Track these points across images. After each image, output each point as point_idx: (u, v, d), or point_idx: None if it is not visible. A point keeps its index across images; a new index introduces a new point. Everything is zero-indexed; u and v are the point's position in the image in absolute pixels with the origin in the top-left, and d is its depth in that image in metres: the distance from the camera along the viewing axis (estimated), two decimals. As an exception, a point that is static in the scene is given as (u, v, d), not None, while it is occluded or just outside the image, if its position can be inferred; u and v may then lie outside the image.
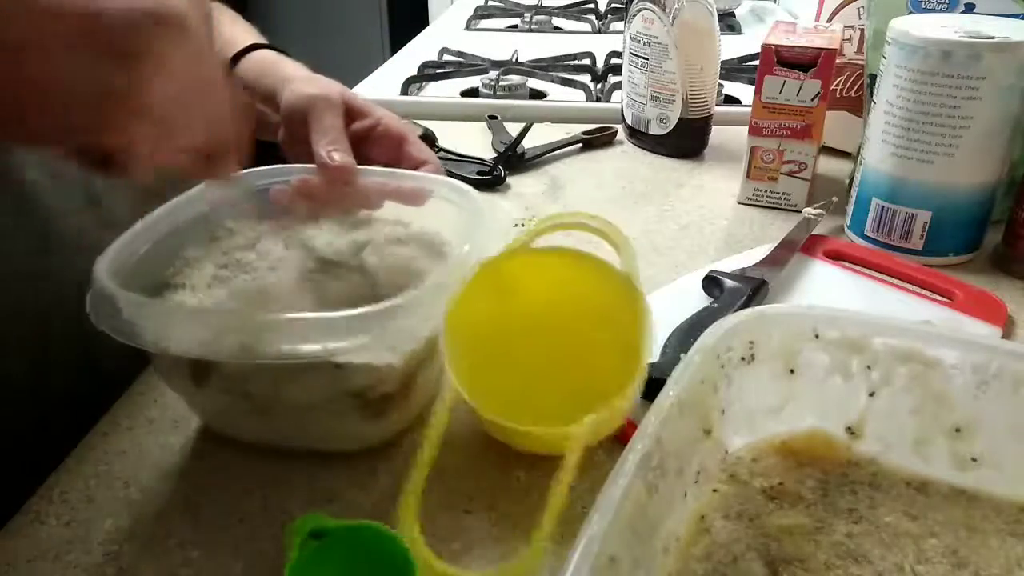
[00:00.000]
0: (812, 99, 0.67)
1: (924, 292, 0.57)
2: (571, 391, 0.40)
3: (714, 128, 0.84)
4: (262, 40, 0.62)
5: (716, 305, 0.52)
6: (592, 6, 1.57)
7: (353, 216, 0.49)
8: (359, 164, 0.50)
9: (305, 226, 0.47)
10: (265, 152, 0.59)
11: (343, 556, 0.34)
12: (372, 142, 0.55)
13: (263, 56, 0.60)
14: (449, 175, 0.55)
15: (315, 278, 0.44)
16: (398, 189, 0.50)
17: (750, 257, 0.60)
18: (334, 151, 0.50)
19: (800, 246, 0.61)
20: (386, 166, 0.53)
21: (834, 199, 0.67)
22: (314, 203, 0.49)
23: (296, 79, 0.56)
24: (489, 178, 0.76)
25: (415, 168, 0.54)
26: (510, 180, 0.78)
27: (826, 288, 0.58)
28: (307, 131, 0.52)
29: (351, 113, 0.54)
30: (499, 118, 0.90)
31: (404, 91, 1.02)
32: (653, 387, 0.42)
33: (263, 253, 0.45)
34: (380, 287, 0.44)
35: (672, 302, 0.54)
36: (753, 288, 0.54)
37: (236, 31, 0.62)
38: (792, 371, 0.36)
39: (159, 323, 0.37)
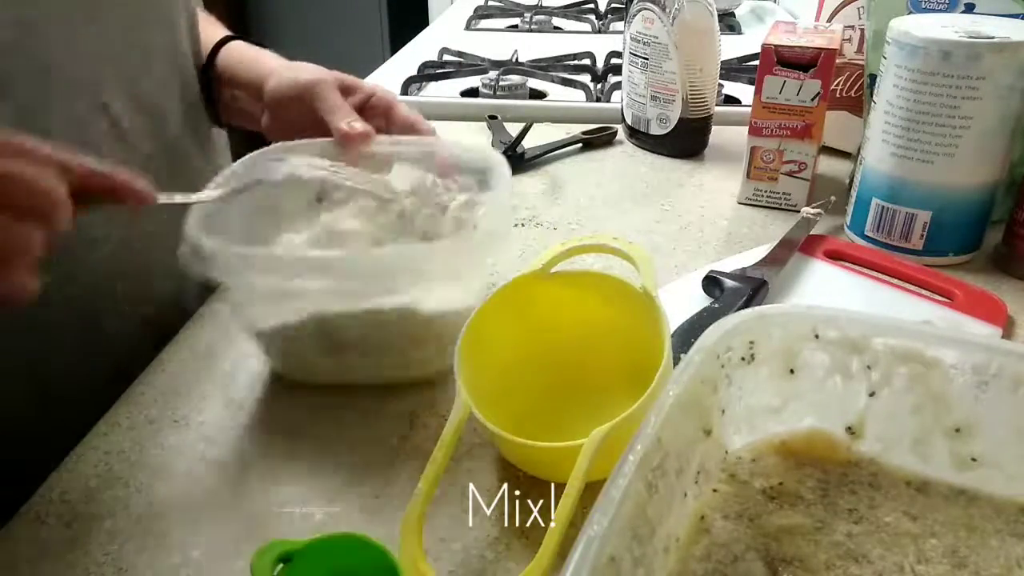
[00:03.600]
0: (812, 99, 0.67)
1: (924, 292, 0.57)
2: (591, 416, 0.39)
3: (714, 128, 0.84)
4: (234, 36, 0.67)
5: (717, 305, 0.52)
6: (592, 6, 1.57)
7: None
8: None
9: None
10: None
11: (321, 572, 0.33)
12: (367, 112, 0.58)
13: (239, 46, 0.65)
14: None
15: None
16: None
17: (750, 257, 0.60)
18: (353, 121, 0.54)
19: (799, 245, 0.61)
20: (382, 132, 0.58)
21: (832, 198, 0.67)
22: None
23: (279, 68, 0.61)
24: (489, 178, 0.76)
25: (408, 129, 0.58)
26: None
27: (826, 288, 0.58)
28: (295, 116, 0.57)
29: (344, 91, 0.58)
30: (499, 118, 0.90)
31: (404, 91, 1.02)
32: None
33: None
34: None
35: (672, 302, 0.54)
36: (753, 288, 0.54)
37: (215, 31, 0.67)
38: (792, 371, 0.36)
39: (269, 270, 0.43)
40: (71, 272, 0.48)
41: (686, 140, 0.83)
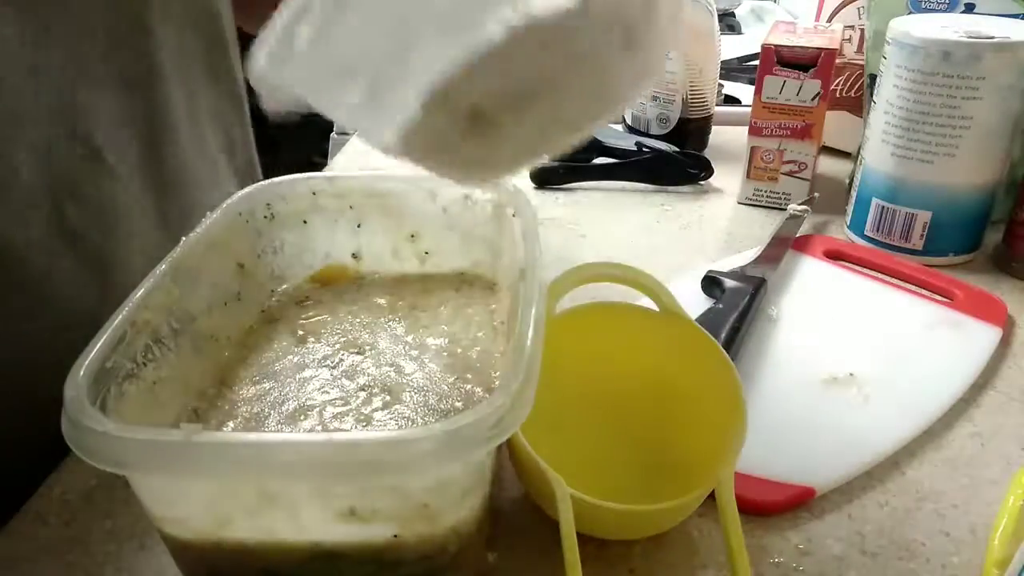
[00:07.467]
0: (812, 99, 0.67)
1: (924, 292, 0.57)
2: (642, 466, 0.38)
3: (714, 128, 0.84)
4: None
5: (720, 306, 0.52)
6: (592, 6, 1.57)
7: None
8: None
9: None
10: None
11: None
12: None
13: None
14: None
15: None
16: None
17: (747, 257, 0.60)
18: None
19: (792, 242, 0.61)
20: None
21: (816, 195, 0.68)
22: None
23: None
24: (489, 178, 0.76)
25: None
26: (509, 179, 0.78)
27: (826, 288, 0.58)
28: None
29: None
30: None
31: (404, 91, 1.02)
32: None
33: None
34: None
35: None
36: (754, 287, 0.54)
37: None
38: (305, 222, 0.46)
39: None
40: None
41: (686, 140, 0.83)
